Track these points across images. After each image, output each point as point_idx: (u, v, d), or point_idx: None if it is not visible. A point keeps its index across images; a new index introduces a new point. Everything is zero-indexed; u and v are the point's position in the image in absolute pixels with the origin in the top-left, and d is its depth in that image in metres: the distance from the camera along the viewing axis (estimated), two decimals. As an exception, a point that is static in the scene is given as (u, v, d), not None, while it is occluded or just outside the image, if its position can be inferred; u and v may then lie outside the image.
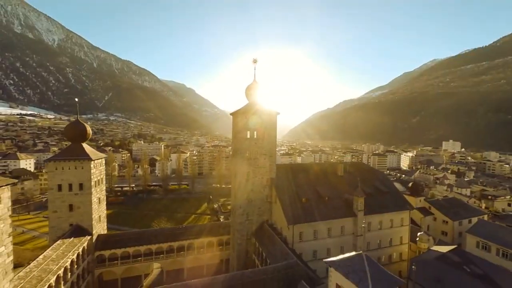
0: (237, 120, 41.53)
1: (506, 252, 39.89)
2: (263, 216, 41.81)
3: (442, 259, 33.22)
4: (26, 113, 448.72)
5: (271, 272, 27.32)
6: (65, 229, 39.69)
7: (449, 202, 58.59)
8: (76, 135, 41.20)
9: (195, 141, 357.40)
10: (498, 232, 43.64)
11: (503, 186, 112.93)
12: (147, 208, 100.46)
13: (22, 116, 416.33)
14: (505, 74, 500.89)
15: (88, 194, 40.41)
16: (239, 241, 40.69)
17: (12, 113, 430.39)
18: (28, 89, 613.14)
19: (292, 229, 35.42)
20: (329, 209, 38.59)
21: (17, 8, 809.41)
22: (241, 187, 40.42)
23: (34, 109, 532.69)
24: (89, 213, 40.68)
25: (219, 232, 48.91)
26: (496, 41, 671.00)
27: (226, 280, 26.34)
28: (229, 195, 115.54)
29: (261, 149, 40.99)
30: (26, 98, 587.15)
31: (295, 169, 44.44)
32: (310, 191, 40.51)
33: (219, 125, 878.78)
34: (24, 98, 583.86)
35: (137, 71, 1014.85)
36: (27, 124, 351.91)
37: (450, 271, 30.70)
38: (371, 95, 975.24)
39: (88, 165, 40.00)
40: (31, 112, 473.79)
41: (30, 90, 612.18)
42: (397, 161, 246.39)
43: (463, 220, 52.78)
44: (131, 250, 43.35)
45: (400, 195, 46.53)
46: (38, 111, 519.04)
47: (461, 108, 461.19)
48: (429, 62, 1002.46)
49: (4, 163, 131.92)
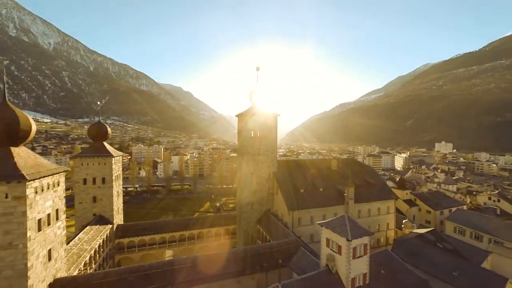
0: (243, 121, 47.00)
1: (478, 234, 45.92)
2: (266, 205, 47.16)
3: (420, 237, 38.82)
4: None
5: (276, 246, 32.68)
6: (89, 218, 44.43)
7: (432, 194, 64.68)
8: (99, 135, 46.23)
9: (193, 144, 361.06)
10: (472, 219, 49.78)
11: (488, 183, 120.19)
12: (152, 207, 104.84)
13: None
14: (494, 78, 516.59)
15: (109, 187, 45.35)
16: (245, 228, 45.92)
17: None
18: (23, 92, 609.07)
19: (292, 214, 40.80)
20: (323, 198, 44.08)
21: (12, 11, 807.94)
22: (246, 180, 45.78)
23: (29, 113, 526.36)
24: (110, 204, 45.57)
25: (225, 223, 53.97)
26: (485, 46, 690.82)
27: (236, 252, 31.62)
28: (230, 194, 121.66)
29: (263, 146, 46.52)
30: (21, 102, 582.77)
31: (293, 164, 50.01)
32: (307, 183, 45.97)
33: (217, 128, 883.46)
34: (19, 102, 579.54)
35: (134, 74, 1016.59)
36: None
37: (425, 247, 36.26)
38: (367, 98, 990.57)
39: (110, 161, 45.07)
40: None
41: (25, 94, 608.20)
42: (391, 162, 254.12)
43: (444, 210, 58.63)
44: (147, 239, 48.23)
45: (386, 186, 52.30)
46: (33, 115, 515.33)
47: (454, 111, 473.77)
48: (422, 66, 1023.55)
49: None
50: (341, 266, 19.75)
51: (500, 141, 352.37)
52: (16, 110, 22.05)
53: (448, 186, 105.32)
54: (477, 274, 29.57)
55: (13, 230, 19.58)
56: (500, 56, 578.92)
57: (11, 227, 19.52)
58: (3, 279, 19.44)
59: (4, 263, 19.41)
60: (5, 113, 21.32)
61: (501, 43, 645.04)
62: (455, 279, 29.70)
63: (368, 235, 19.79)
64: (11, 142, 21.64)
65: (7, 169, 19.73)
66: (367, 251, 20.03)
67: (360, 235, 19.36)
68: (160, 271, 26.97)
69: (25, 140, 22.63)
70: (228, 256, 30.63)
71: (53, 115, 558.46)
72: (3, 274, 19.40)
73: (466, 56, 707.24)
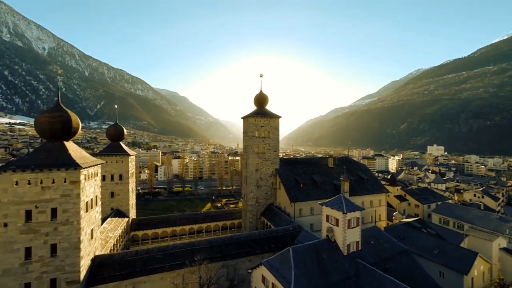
0: (248, 123, 51.72)
1: (459, 224, 51.15)
2: (269, 199, 51.60)
3: (407, 225, 43.76)
4: (16, 122, 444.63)
5: (281, 231, 37.15)
6: (107, 212, 48.12)
7: (420, 190, 70.09)
8: (116, 135, 50.36)
9: (190, 148, 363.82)
10: (455, 211, 55.22)
11: (475, 182, 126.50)
12: (155, 208, 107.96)
13: (12, 125, 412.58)
14: (483, 82, 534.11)
15: (126, 184, 49.33)
16: (251, 220, 50.21)
17: (1, 122, 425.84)
18: (17, 97, 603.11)
19: (294, 206, 45.31)
20: (322, 192, 48.71)
21: (6, 16, 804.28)
22: (251, 176, 50.27)
23: (23, 118, 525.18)
24: (126, 199, 49.48)
25: (231, 217, 58.18)
26: (474, 52, 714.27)
27: (247, 235, 35.99)
28: (230, 196, 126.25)
29: (267, 145, 51.22)
30: (15, 107, 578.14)
31: (294, 162, 54.92)
32: (306, 178, 50.65)
33: (213, 132, 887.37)
34: (12, 107, 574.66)
35: (129, 79, 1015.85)
36: (17, 133, 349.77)
37: (411, 232, 41.10)
38: (361, 102, 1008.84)
39: (127, 160, 49.15)
40: (20, 121, 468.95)
41: (18, 99, 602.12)
42: (385, 164, 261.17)
43: (431, 204, 63.89)
44: (159, 231, 52.05)
45: (378, 182, 57.34)
46: (27, 119, 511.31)
47: (445, 115, 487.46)
48: (414, 72, 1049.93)
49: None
50: (338, 236, 24.26)
51: (489, 144, 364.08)
52: (68, 110, 26.35)
53: (437, 185, 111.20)
54: (454, 251, 34.53)
55: (70, 209, 23.70)
56: (488, 62, 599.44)
57: (68, 207, 23.63)
58: (61, 250, 23.45)
59: (62, 236, 23.45)
60: (61, 113, 25.62)
61: (489, 49, 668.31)
62: (435, 256, 34.60)
63: (359, 209, 24.43)
64: (64, 137, 26.02)
65: (65, 159, 24.07)
66: (359, 223, 24.64)
67: (353, 209, 24.01)
68: (183, 250, 31.15)
69: (73, 136, 26.82)
70: (241, 239, 35.01)
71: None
72: (61, 245, 23.42)
73: (455, 62, 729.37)
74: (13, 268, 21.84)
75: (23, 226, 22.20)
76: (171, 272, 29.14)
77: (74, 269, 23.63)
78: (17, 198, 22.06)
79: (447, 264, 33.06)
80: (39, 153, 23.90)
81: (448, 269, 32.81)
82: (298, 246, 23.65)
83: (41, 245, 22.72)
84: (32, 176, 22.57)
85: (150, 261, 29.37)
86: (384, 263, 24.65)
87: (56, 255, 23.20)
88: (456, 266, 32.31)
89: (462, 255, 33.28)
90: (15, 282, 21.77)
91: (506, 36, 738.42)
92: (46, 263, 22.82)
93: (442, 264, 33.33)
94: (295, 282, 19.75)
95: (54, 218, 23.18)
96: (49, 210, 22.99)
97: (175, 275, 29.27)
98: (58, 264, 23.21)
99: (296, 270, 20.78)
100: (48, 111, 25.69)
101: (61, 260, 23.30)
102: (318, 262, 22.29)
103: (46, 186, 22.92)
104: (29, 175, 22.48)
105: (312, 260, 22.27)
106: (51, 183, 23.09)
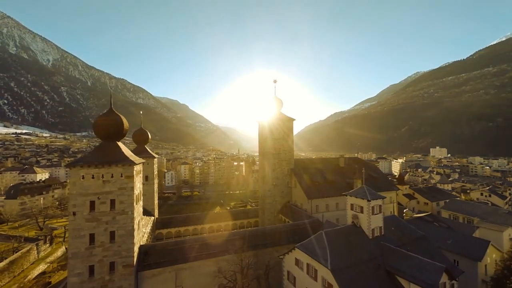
0: (264, 126, 55.03)
1: (469, 219, 53.56)
2: (285, 198, 54.43)
3: (419, 219, 46.37)
4: (22, 132, 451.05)
5: (302, 225, 39.95)
6: (134, 212, 51.10)
7: (428, 189, 72.74)
8: (142, 139, 53.85)
9: (191, 155, 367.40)
10: (464, 207, 57.72)
11: (481, 183, 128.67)
12: (165, 212, 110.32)
13: (18, 135, 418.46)
14: (483, 84, 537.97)
15: (152, 184, 52.41)
16: (269, 217, 52.91)
17: (8, 132, 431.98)
18: (22, 108, 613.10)
19: (311, 202, 48.11)
20: (335, 189, 51.50)
21: (13, 30, 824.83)
22: (268, 175, 53.27)
23: (28, 128, 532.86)
24: (152, 198, 52.49)
25: (247, 216, 60.87)
26: (472, 54, 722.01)
27: (272, 228, 38.78)
28: (238, 199, 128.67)
29: (282, 146, 54.36)
30: (20, 118, 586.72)
31: (307, 162, 57.94)
32: (320, 177, 53.60)
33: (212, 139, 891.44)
34: (18, 117, 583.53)
35: (131, 88, 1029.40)
36: (24, 143, 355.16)
37: (424, 225, 43.69)
38: (361, 106, 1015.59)
39: (152, 162, 52.39)
40: (26, 131, 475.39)
41: (24, 109, 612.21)
42: (389, 167, 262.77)
43: (440, 202, 66.42)
44: (182, 230, 54.72)
45: (388, 180, 60.23)
46: (32, 129, 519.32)
47: (446, 117, 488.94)
48: (413, 75, 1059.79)
49: (22, 177, 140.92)
50: (363, 221, 27.11)
51: (493, 146, 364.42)
52: (120, 115, 29.74)
53: (443, 186, 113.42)
54: (467, 240, 37.07)
55: (125, 200, 26.81)
56: (487, 64, 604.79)
57: (124, 198, 26.76)
58: (118, 237, 26.45)
59: (119, 225, 26.49)
60: (115, 117, 29.32)
61: (487, 51, 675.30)
62: (449, 246, 37.12)
63: (381, 198, 27.39)
64: (117, 138, 29.72)
65: (120, 156, 27.40)
66: (381, 210, 27.56)
67: (376, 198, 26.99)
68: (218, 241, 34.01)
69: (123, 137, 30.39)
70: (267, 231, 37.85)
71: (51, 130, 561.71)
72: (119, 233, 26.44)
73: (454, 64, 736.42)
74: (79, 252, 24.83)
75: (88, 215, 25.33)
76: (208, 260, 31.97)
77: (129, 254, 26.59)
78: (83, 190, 25.27)
79: (461, 252, 35.40)
80: (99, 152, 27.25)
81: (462, 257, 35.10)
82: (329, 230, 26.53)
83: (102, 232, 25.77)
84: (95, 171, 25.81)
85: (189, 250, 32.22)
86: (406, 246, 27.37)
87: (114, 241, 26.21)
88: (470, 254, 34.64)
89: (475, 244, 35.79)
90: (82, 265, 24.71)
91: (505, 38, 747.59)
92: (107, 248, 25.81)
93: (456, 253, 35.70)
94: (331, 258, 22.56)
95: (113, 208, 26.32)
96: (108, 201, 26.17)
97: (211, 263, 32.07)
98: (116, 249, 26.18)
99: (330, 249, 23.60)
100: (104, 116, 29.12)
101: (119, 246, 26.28)
102: (348, 244, 25.13)
103: (107, 180, 26.15)
104: (93, 170, 25.74)
105: (342, 242, 25.12)
106: (110, 177, 26.33)
